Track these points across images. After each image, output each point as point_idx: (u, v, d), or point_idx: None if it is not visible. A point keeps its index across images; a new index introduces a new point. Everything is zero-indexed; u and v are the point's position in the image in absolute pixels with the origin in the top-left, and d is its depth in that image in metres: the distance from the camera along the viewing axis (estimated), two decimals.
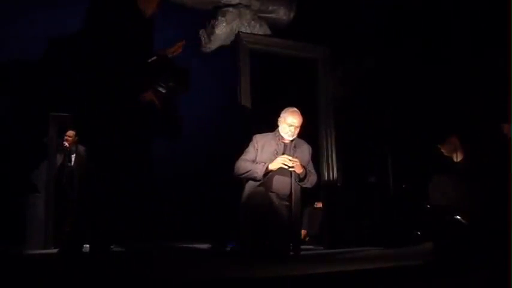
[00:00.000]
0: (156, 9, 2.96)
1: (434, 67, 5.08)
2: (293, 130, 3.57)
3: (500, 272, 2.41)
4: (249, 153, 3.56)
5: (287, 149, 3.58)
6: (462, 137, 3.94)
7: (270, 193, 3.44)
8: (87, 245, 2.81)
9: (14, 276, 2.48)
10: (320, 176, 4.99)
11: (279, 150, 3.54)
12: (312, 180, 3.62)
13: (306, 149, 3.70)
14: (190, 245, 4.68)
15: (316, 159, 5.02)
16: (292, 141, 3.61)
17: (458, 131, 4.08)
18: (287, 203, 3.49)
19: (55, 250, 4.53)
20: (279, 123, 3.65)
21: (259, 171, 3.40)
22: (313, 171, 3.68)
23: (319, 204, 5.24)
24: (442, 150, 4.07)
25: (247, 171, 3.45)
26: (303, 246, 4.97)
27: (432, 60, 5.11)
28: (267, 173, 3.41)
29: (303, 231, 5.31)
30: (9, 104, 5.04)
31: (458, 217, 3.28)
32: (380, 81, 5.33)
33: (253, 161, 3.51)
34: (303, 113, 5.34)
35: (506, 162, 3.22)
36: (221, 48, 4.93)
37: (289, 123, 3.56)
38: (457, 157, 4.02)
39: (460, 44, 4.94)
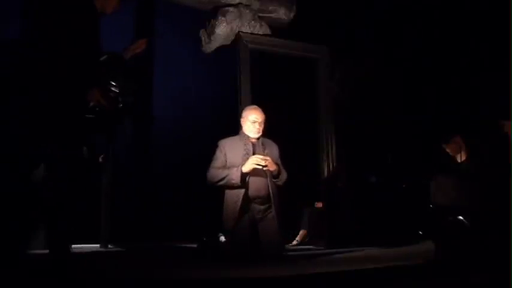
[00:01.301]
0: (117, 7, 2.83)
1: (435, 66, 5.08)
2: (257, 126, 3.50)
3: (501, 272, 2.40)
4: (218, 159, 3.49)
5: (256, 148, 3.51)
6: (466, 137, 3.95)
7: (252, 206, 3.38)
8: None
9: (14, 276, 2.48)
10: (320, 175, 5.00)
11: (248, 151, 3.46)
12: (283, 178, 3.55)
13: (274, 148, 3.63)
14: (190, 245, 4.67)
15: (317, 159, 5.03)
16: (258, 139, 3.55)
17: (460, 130, 4.08)
18: (268, 206, 3.42)
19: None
20: (242, 124, 3.59)
21: (235, 176, 3.32)
22: (282, 168, 3.60)
23: (319, 204, 5.23)
24: (447, 149, 4.08)
25: (222, 179, 3.38)
26: (302, 247, 4.98)
27: (432, 59, 5.10)
28: (243, 177, 3.34)
29: (303, 231, 5.30)
30: (10, 103, 5.02)
31: (460, 217, 3.28)
32: (380, 81, 5.32)
33: (224, 167, 3.44)
34: (303, 113, 5.36)
35: (507, 161, 3.22)
36: (221, 48, 4.93)
37: (252, 119, 3.51)
38: (461, 157, 4.03)
39: (461, 42, 4.94)
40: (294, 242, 5.17)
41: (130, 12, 6.34)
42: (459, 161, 4.08)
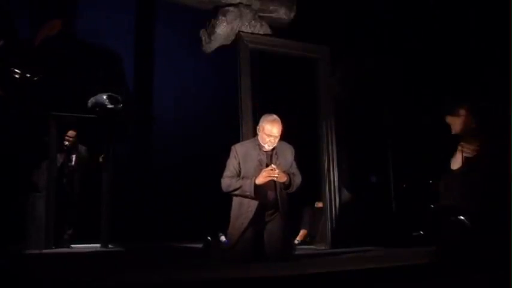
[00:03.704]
0: None
1: (435, 65, 5.08)
2: (272, 141, 3.38)
3: (502, 272, 2.40)
4: (231, 167, 3.44)
5: (270, 158, 3.44)
6: (473, 110, 3.72)
7: (258, 211, 3.37)
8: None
9: (14, 276, 2.48)
10: (321, 175, 4.99)
11: (262, 162, 3.40)
12: (296, 183, 3.50)
13: (288, 152, 3.53)
14: (190, 245, 4.68)
15: (317, 159, 5.03)
16: (273, 148, 3.46)
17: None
18: (275, 210, 3.42)
19: (55, 250, 4.55)
20: (258, 132, 3.46)
21: (248, 188, 3.30)
22: (297, 172, 3.56)
23: (319, 204, 5.23)
24: (449, 121, 3.85)
25: (237, 189, 3.36)
26: (303, 246, 4.98)
27: (433, 58, 5.10)
28: (257, 188, 3.31)
29: (304, 231, 5.31)
30: (10, 103, 5.04)
31: (461, 217, 3.27)
32: (380, 81, 5.32)
33: (239, 175, 3.41)
34: (304, 113, 5.36)
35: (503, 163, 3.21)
36: (222, 48, 4.93)
37: (268, 133, 3.36)
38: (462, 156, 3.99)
39: (461, 41, 4.94)
40: (295, 242, 5.17)
41: (130, 12, 6.36)
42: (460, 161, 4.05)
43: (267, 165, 3.36)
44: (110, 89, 5.03)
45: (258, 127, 3.48)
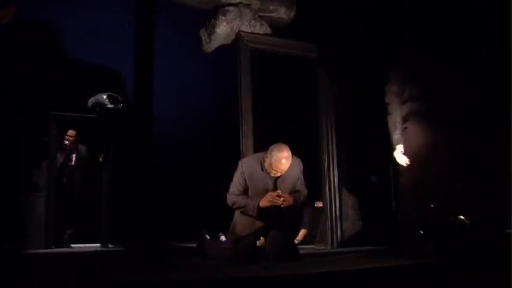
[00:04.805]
0: None
1: (435, 65, 5.07)
2: (278, 174, 3.35)
3: (502, 272, 2.40)
4: (238, 183, 3.44)
5: (275, 180, 3.41)
6: None
7: (262, 228, 3.42)
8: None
9: (14, 276, 2.48)
10: (321, 175, 4.99)
11: (268, 185, 3.40)
12: (301, 200, 3.52)
13: (296, 168, 3.48)
14: (190, 245, 4.68)
15: (317, 159, 5.03)
16: None
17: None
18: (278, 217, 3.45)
19: (55, 250, 4.55)
20: (265, 158, 3.35)
21: (251, 208, 3.33)
22: (302, 188, 3.54)
23: (319, 204, 5.22)
24: None
25: (242, 207, 3.39)
26: (303, 246, 4.98)
27: (433, 58, 5.09)
28: (260, 210, 3.33)
29: (304, 231, 5.31)
30: (10, 103, 5.05)
31: (461, 217, 3.27)
32: (380, 81, 5.31)
33: (245, 192, 3.43)
34: (304, 112, 5.36)
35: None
36: (222, 48, 4.93)
37: (275, 169, 3.31)
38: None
39: (462, 42, 4.93)
40: (295, 242, 5.17)
41: (130, 12, 6.37)
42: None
43: (273, 190, 3.36)
44: (109, 89, 5.03)
45: (266, 156, 3.36)
